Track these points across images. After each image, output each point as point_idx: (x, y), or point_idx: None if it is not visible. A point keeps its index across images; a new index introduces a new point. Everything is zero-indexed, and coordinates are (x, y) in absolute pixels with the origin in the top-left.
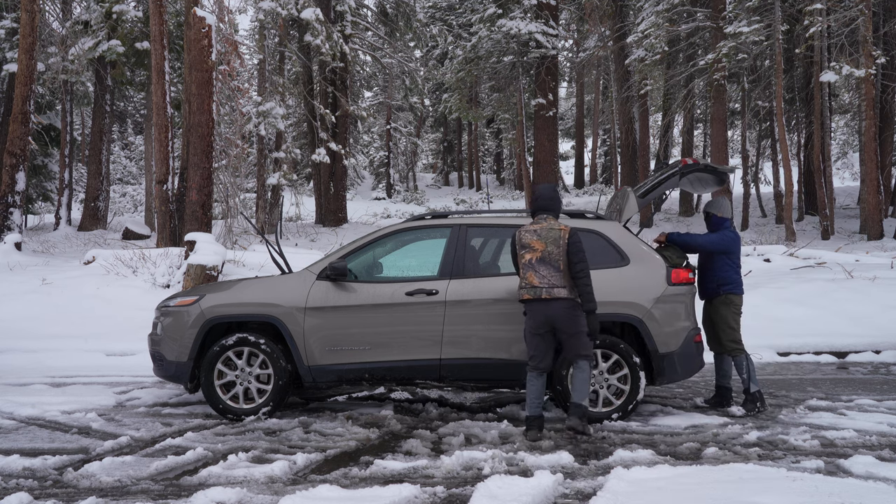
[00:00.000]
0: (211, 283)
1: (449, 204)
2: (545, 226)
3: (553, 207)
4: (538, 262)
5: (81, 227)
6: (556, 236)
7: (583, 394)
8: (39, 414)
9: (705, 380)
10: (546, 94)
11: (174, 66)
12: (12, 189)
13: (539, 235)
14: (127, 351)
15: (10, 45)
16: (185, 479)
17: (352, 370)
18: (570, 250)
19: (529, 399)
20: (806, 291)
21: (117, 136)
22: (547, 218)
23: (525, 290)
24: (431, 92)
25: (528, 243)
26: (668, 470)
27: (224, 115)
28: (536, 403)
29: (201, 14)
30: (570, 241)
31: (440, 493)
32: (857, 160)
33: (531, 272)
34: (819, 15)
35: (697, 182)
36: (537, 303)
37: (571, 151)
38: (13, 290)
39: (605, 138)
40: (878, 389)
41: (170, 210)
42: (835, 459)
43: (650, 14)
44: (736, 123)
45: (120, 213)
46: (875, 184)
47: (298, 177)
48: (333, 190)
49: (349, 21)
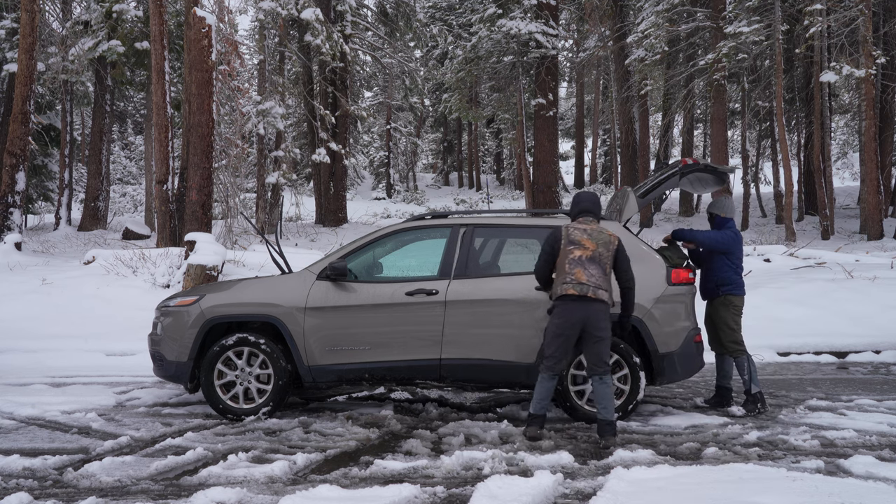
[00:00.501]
0: (211, 283)
1: (449, 204)
2: (595, 227)
3: (596, 211)
4: (588, 260)
5: (81, 227)
6: (606, 240)
7: (611, 410)
8: (39, 414)
9: (705, 380)
10: (546, 94)
11: (174, 66)
12: (12, 189)
13: (590, 235)
14: (127, 351)
15: (10, 45)
16: (185, 479)
17: (352, 370)
18: (619, 258)
19: (537, 398)
20: (806, 291)
21: (117, 136)
22: (592, 220)
23: (570, 285)
24: (431, 92)
25: (578, 240)
26: (668, 470)
27: (224, 115)
28: (543, 404)
29: (201, 14)
30: (619, 248)
31: (440, 493)
32: (857, 160)
33: (580, 269)
34: (819, 15)
35: (697, 182)
36: (579, 300)
37: (571, 151)
38: (13, 290)
39: (605, 138)
40: (878, 389)
41: (170, 210)
42: (835, 459)
43: (650, 14)
44: (736, 123)
45: (120, 213)
46: (875, 184)
47: (298, 177)
48: (333, 190)
49: (349, 21)
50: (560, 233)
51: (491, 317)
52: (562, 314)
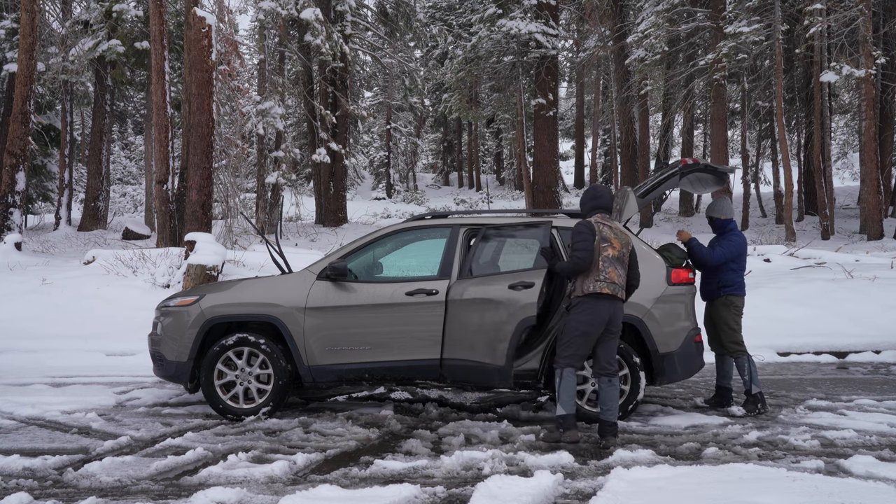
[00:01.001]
0: (211, 283)
1: (449, 204)
2: (617, 226)
3: (612, 208)
4: (616, 259)
5: (81, 227)
6: (627, 240)
7: (615, 411)
8: (39, 414)
9: (705, 380)
10: (546, 94)
11: (174, 66)
12: (12, 189)
13: (616, 235)
14: (127, 351)
15: (10, 45)
16: (185, 479)
17: (352, 370)
18: (633, 258)
19: (567, 397)
20: (806, 291)
21: (117, 136)
22: (609, 218)
23: (604, 283)
24: (431, 92)
25: (609, 238)
26: (668, 470)
27: (224, 115)
28: (574, 402)
29: (201, 14)
30: (633, 249)
31: (440, 493)
32: (857, 160)
33: (612, 268)
34: (819, 15)
35: (697, 182)
36: (611, 299)
37: (571, 151)
38: (13, 290)
39: (605, 138)
40: (878, 389)
41: (170, 210)
42: (835, 459)
43: (650, 14)
44: (736, 123)
45: (120, 213)
46: (875, 184)
47: (298, 177)
48: (333, 190)
49: (349, 21)
50: (594, 227)
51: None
52: (590, 311)
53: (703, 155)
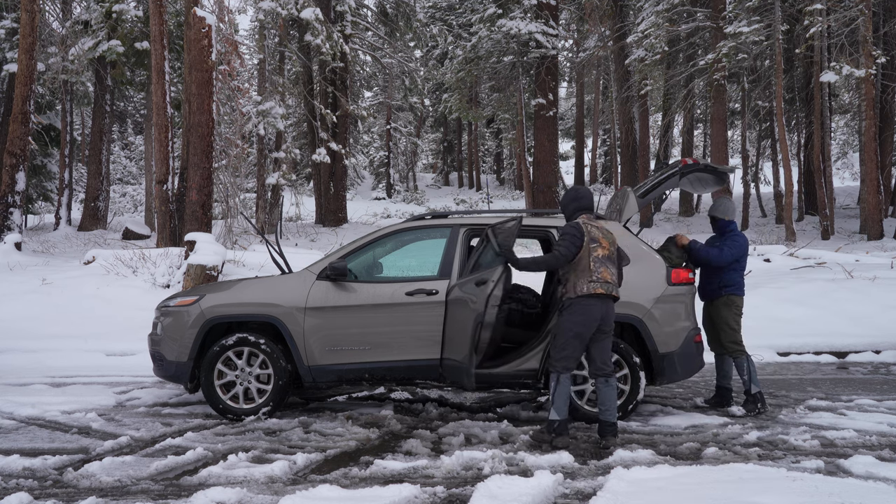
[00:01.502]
0: (211, 283)
1: (449, 204)
2: (603, 226)
3: (594, 209)
4: (607, 259)
5: (81, 227)
6: (613, 239)
7: (614, 411)
8: (39, 414)
9: (705, 380)
10: (546, 94)
11: (174, 66)
12: (12, 189)
13: (604, 234)
14: (127, 351)
15: (10, 45)
16: (185, 479)
17: (352, 370)
18: (620, 254)
19: (561, 402)
20: (806, 291)
21: (117, 136)
22: (593, 218)
23: (598, 284)
24: (431, 92)
25: (598, 239)
26: (668, 470)
27: (224, 115)
28: (567, 408)
29: (201, 14)
30: (620, 247)
31: (440, 493)
32: (857, 160)
33: (604, 268)
34: (819, 15)
35: (697, 182)
36: (604, 299)
37: (571, 151)
38: (13, 290)
39: (605, 138)
40: (878, 389)
41: (170, 210)
42: (835, 459)
43: (650, 14)
44: (736, 123)
45: (120, 213)
46: (875, 184)
47: (298, 177)
48: (333, 190)
49: (349, 21)
50: (582, 229)
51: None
52: (584, 312)
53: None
